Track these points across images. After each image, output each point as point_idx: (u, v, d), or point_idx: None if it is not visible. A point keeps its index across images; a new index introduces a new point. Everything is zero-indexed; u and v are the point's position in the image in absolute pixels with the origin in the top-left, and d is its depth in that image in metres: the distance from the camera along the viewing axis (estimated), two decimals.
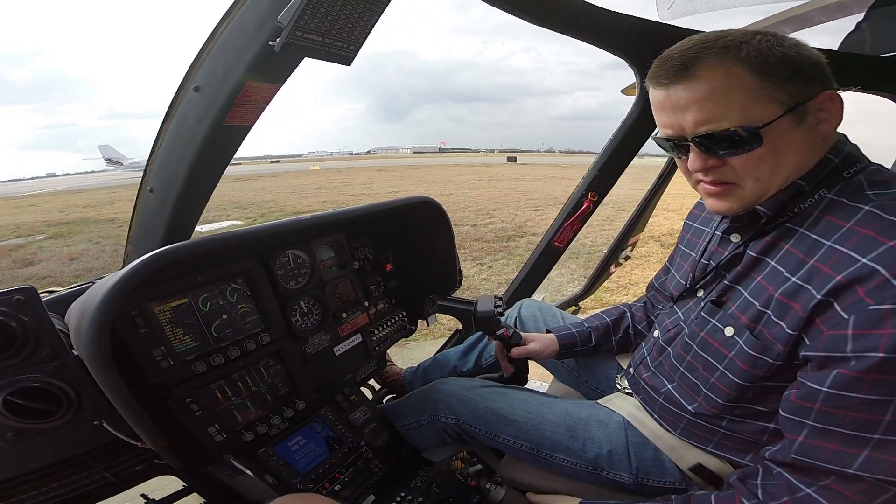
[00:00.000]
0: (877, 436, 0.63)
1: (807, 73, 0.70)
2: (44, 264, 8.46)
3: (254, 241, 1.03)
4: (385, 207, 1.26)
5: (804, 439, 0.70)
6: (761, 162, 0.73)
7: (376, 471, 1.25)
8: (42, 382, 0.71)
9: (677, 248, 1.15)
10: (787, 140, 0.72)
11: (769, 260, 0.79)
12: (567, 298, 2.76)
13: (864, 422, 0.64)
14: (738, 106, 0.70)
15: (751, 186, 0.76)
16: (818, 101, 0.71)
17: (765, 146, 0.71)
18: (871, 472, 0.64)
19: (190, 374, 0.95)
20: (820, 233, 0.72)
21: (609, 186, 1.90)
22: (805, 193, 0.76)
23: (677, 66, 0.73)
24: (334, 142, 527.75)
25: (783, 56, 0.69)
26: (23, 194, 32.65)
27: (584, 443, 1.06)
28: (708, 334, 0.88)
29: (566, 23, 1.33)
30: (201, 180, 0.97)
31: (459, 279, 1.56)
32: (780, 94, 0.70)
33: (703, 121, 0.73)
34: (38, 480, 0.99)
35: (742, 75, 0.69)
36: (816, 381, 0.68)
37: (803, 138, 0.73)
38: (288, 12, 0.64)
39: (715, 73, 0.70)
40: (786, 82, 0.70)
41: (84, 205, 19.23)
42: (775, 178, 0.75)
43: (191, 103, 0.86)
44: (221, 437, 0.99)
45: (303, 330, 1.21)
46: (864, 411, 0.63)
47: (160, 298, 0.93)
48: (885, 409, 0.62)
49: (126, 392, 0.72)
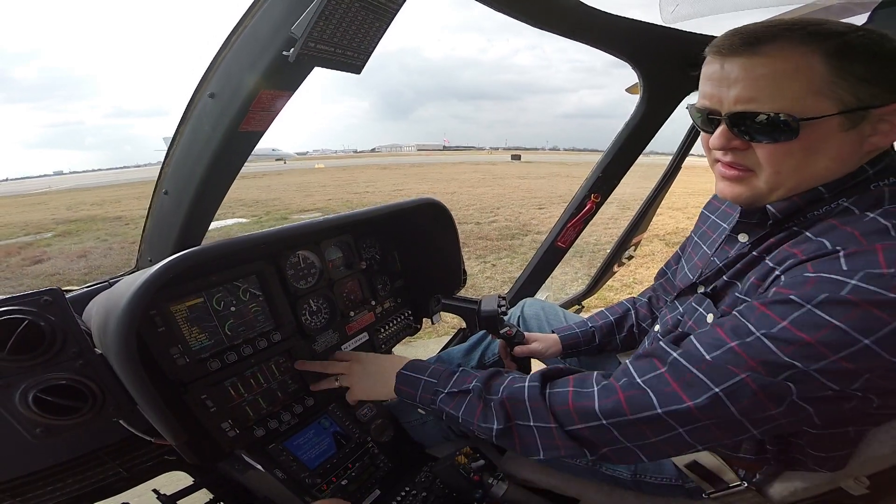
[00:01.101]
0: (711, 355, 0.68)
1: (889, 77, 0.63)
2: (52, 262, 8.54)
3: (267, 243, 1.06)
4: (392, 209, 1.29)
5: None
6: (789, 156, 0.68)
7: (382, 466, 1.27)
8: (69, 380, 0.74)
9: (690, 238, 1.13)
10: (827, 142, 0.66)
11: (766, 258, 0.77)
12: (570, 297, 2.78)
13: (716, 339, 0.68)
14: (792, 94, 0.64)
15: (767, 178, 0.72)
16: (887, 110, 0.65)
17: (800, 140, 0.66)
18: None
19: (205, 371, 0.98)
20: (815, 233, 0.69)
21: (612, 188, 1.92)
22: (823, 200, 0.72)
23: (747, 39, 0.67)
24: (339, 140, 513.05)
25: (872, 53, 0.63)
26: (31, 192, 32.92)
27: None
28: (695, 322, 0.89)
29: (568, 27, 1.34)
30: (215, 184, 1.00)
31: (464, 279, 1.58)
32: (846, 93, 0.63)
33: (745, 99, 0.67)
34: (56, 476, 1.02)
35: (815, 66, 0.63)
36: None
37: (846, 145, 0.67)
38: (301, 24, 0.66)
39: (785, 55, 0.64)
40: (861, 82, 0.63)
41: (92, 202, 19.38)
42: (796, 177, 0.70)
43: (206, 109, 0.88)
44: (234, 433, 1.02)
45: (312, 328, 1.24)
46: (726, 331, 0.68)
47: (177, 298, 0.96)
48: (738, 337, 0.66)
49: (150, 389, 0.75)
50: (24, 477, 0.98)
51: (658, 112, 1.69)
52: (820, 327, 0.59)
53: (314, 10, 0.66)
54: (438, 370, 1.02)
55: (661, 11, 1.37)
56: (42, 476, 1.00)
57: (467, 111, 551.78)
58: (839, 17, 1.71)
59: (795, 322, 0.60)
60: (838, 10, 1.62)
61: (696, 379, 0.67)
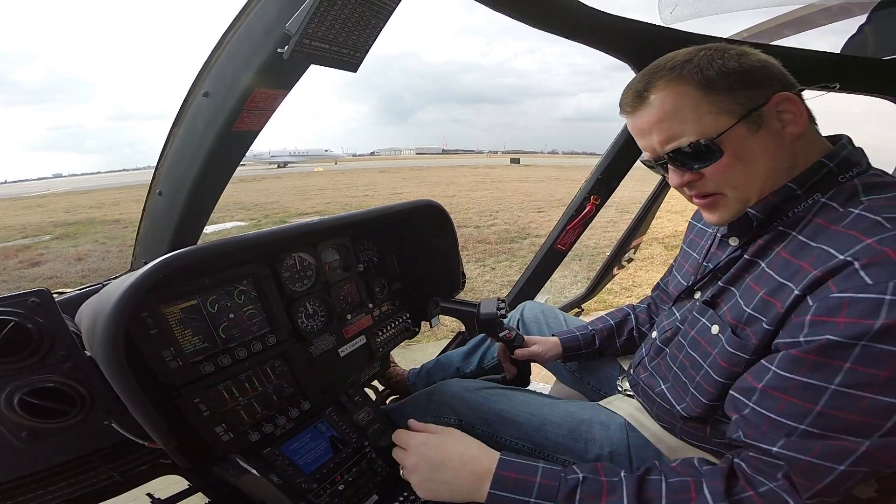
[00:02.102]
0: (801, 426, 0.64)
1: (751, 80, 0.73)
2: (50, 265, 8.52)
3: (262, 244, 1.04)
4: (389, 211, 1.28)
5: (739, 416, 0.73)
6: (730, 170, 0.75)
7: (379, 471, 1.25)
8: (57, 383, 0.73)
9: (682, 249, 1.16)
10: (749, 147, 0.74)
11: (760, 262, 0.80)
12: (570, 300, 2.77)
13: (796, 409, 0.65)
14: (691, 121, 0.74)
15: (732, 194, 0.79)
16: (772, 104, 0.73)
17: (727, 155, 0.74)
18: (786, 457, 0.65)
19: (198, 374, 0.96)
20: (808, 235, 0.73)
21: (611, 190, 1.91)
22: (798, 197, 0.77)
23: (633, 95, 0.79)
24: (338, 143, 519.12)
25: (723, 68, 0.72)
26: (29, 195, 32.90)
27: (586, 444, 1.07)
28: (697, 333, 0.89)
29: (569, 27, 1.34)
30: (209, 185, 0.99)
31: (462, 282, 1.57)
32: (730, 104, 0.73)
33: (665, 140, 0.77)
34: (47, 480, 1.01)
35: (688, 92, 0.74)
36: (768, 360, 0.70)
37: (768, 143, 0.75)
38: (296, 20, 0.66)
39: (663, 94, 0.75)
40: (731, 92, 0.73)
41: (90, 205, 19.37)
42: (752, 183, 0.77)
43: (200, 109, 0.88)
44: (228, 437, 1.00)
45: (308, 331, 1.22)
46: (799, 397, 0.64)
47: (169, 300, 0.94)
48: (818, 397, 0.63)
49: (139, 392, 0.74)
50: (15, 480, 0.96)
51: None
52: (886, 358, 0.58)
53: (309, 6, 0.65)
54: (548, 487, 0.76)
55: (660, 12, 1.37)
56: (33, 480, 0.99)
57: (467, 115, 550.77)
58: (838, 18, 1.71)
59: (860, 361, 0.60)
60: (837, 10, 1.62)
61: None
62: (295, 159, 77.06)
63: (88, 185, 41.19)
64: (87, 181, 57.58)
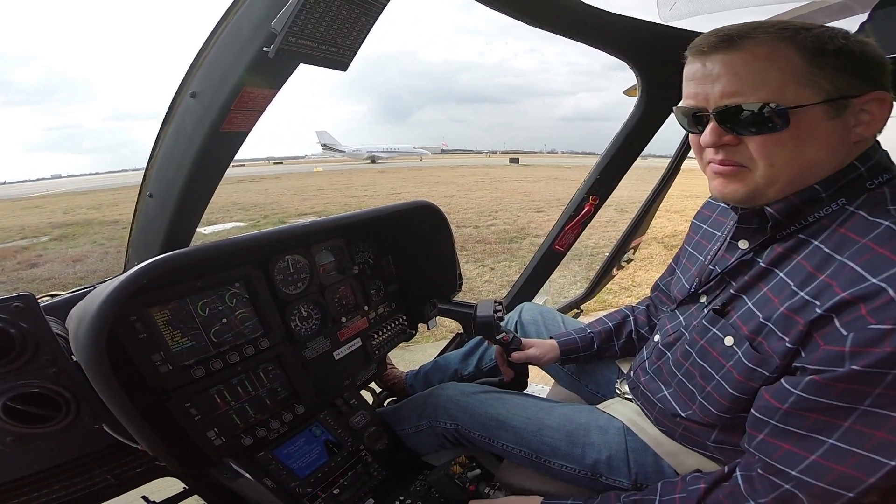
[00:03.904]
0: (830, 440, 0.64)
1: (862, 69, 0.67)
2: (48, 266, 8.50)
3: (252, 247, 1.03)
4: (385, 212, 1.27)
5: (764, 437, 0.72)
6: (780, 146, 0.69)
7: (375, 475, 1.24)
8: (41, 388, 0.71)
9: (683, 249, 1.13)
10: (816, 131, 0.68)
11: (778, 271, 0.76)
12: (569, 301, 2.75)
13: (823, 425, 0.64)
14: (774, 83, 0.67)
15: (762, 172, 0.72)
16: (864, 99, 0.68)
17: (789, 130, 0.67)
18: (813, 478, 0.65)
19: (189, 378, 0.95)
20: (833, 247, 0.68)
21: (610, 190, 1.90)
22: (821, 201, 0.72)
23: (724, 37, 0.70)
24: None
25: (843, 47, 0.66)
26: (28, 196, 32.88)
27: (584, 448, 1.05)
28: (708, 343, 0.86)
29: (567, 25, 1.32)
30: (200, 185, 0.98)
31: (460, 283, 1.56)
32: (825, 82, 0.67)
33: (731, 93, 0.70)
34: (41, 482, 0.99)
35: (790, 56, 0.67)
36: (791, 383, 0.68)
37: (834, 135, 0.69)
38: (281, 18, 0.64)
39: (762, 48, 0.68)
40: (837, 72, 0.66)
41: (88, 206, 19.33)
42: (790, 168, 0.70)
43: (188, 109, 0.86)
44: (221, 441, 0.99)
45: (302, 335, 1.21)
46: (827, 414, 0.64)
47: (159, 304, 0.93)
48: (847, 415, 0.62)
49: (123, 397, 0.72)
50: (8, 483, 0.95)
51: (657, 112, 1.67)
52: None
53: (294, 4, 0.63)
54: None
55: (658, 10, 1.36)
56: (26, 483, 0.98)
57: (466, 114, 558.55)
58: (838, 17, 1.69)
59: (893, 385, 0.59)
60: (838, 8, 1.60)
61: None
62: (387, 155, 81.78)
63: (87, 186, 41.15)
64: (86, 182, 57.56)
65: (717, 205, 1.08)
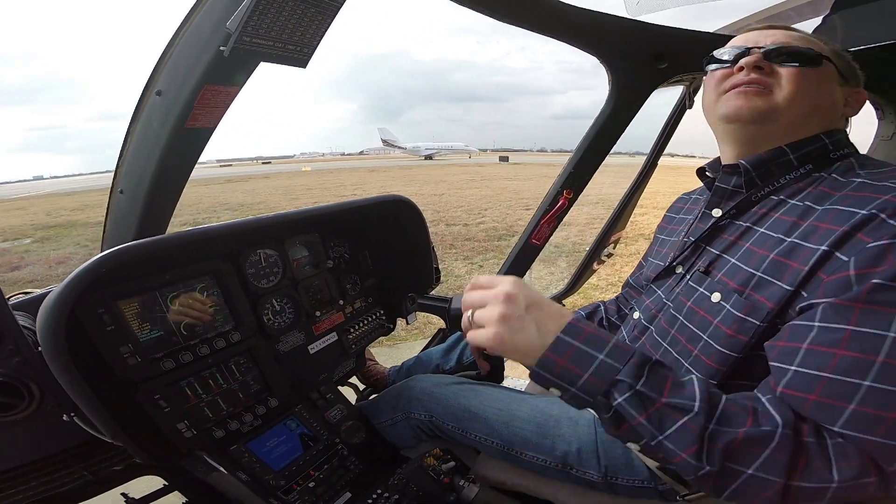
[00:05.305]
0: (867, 382, 0.57)
1: (858, 77, 0.88)
2: (30, 268, 8.36)
3: (219, 239, 1.04)
4: (357, 205, 1.28)
5: (784, 389, 0.63)
6: (807, 81, 0.80)
7: (352, 468, 1.25)
8: (4, 377, 0.72)
9: (655, 239, 1.16)
10: (830, 85, 0.82)
11: (758, 228, 0.79)
12: (550, 297, 2.78)
13: (854, 363, 0.58)
14: (816, 48, 0.82)
15: (785, 94, 0.80)
16: (855, 91, 0.86)
17: (817, 71, 0.80)
18: (858, 432, 0.57)
19: (158, 370, 0.96)
20: (812, 200, 0.74)
21: (584, 184, 1.92)
22: (790, 164, 0.81)
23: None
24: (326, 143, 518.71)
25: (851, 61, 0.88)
26: (10, 197, 32.20)
27: (554, 440, 1.05)
28: (694, 303, 0.85)
29: (535, 21, 1.34)
30: (169, 181, 0.98)
31: (437, 277, 1.57)
32: (839, 63, 0.84)
33: (782, 42, 0.83)
34: (18, 478, 0.99)
35: (827, 47, 0.84)
36: (805, 318, 0.65)
37: (832, 97, 0.83)
38: (236, 18, 0.66)
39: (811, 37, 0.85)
40: (848, 63, 0.86)
41: (72, 208, 19.00)
42: (804, 101, 0.80)
43: (154, 107, 0.87)
44: (192, 434, 1.00)
45: (275, 328, 1.22)
46: (855, 349, 0.58)
47: (127, 296, 0.93)
48: (878, 346, 0.57)
49: (83, 385, 0.73)
50: None
51: (627, 106, 1.69)
52: None
53: (247, 4, 0.65)
54: (621, 350, 0.66)
55: (625, 4, 1.38)
56: (3, 478, 0.98)
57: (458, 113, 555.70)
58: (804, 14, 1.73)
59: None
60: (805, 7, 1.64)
61: None
62: (442, 152, 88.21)
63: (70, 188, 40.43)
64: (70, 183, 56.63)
65: (689, 196, 1.12)
